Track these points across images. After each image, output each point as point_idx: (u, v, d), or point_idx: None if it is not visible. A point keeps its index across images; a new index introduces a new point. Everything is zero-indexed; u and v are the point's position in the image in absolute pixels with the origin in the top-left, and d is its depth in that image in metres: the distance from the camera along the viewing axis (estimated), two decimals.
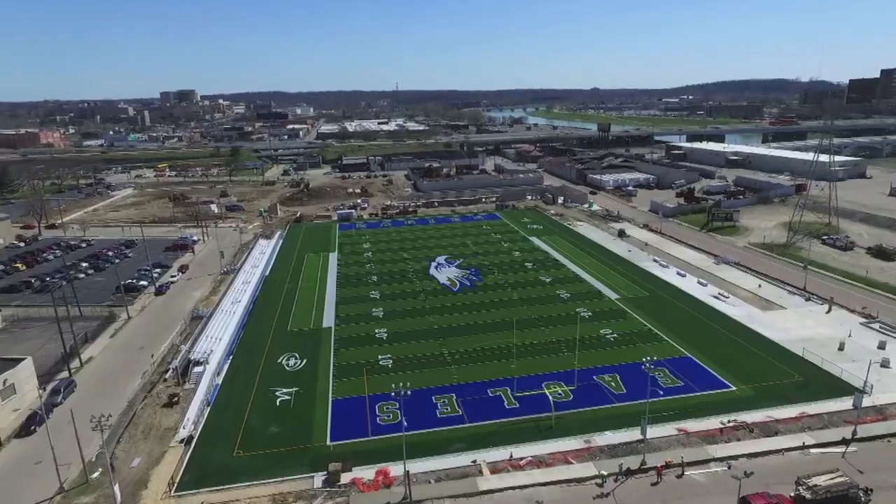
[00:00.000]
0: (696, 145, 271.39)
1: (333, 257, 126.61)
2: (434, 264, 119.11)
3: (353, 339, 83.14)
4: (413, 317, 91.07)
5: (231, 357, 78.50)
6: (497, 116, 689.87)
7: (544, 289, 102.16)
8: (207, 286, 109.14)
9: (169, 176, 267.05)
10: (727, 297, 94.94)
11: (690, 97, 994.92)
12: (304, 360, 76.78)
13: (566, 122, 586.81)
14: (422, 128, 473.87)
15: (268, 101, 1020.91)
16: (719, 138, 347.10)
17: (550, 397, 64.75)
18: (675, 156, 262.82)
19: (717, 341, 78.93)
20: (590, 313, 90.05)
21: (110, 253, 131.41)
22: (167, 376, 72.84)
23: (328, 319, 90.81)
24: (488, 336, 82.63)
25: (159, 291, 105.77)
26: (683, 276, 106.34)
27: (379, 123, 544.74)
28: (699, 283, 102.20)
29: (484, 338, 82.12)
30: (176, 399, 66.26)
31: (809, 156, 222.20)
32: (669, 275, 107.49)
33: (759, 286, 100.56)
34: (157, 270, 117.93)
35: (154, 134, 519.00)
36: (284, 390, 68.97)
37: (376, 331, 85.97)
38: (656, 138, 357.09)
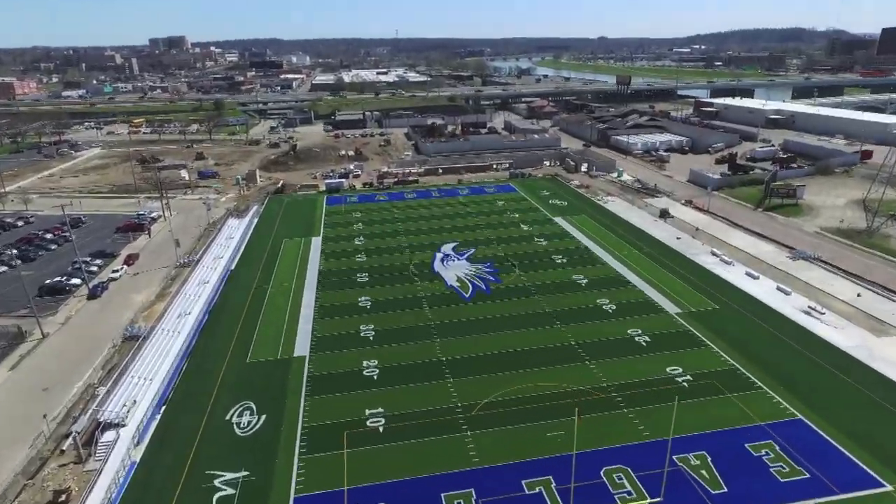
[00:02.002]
0: (730, 101, 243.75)
1: (317, 244, 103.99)
2: (439, 256, 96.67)
3: (334, 379, 61.53)
4: (413, 340, 69.26)
5: (163, 408, 57.13)
6: (503, 67, 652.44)
7: (581, 296, 80.00)
8: (156, 286, 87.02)
9: (144, 133, 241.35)
10: (822, 313, 72.81)
11: (703, 47, 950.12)
12: (263, 417, 55.38)
13: (576, 74, 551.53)
14: (423, 79, 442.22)
15: (263, 49, 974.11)
16: (746, 92, 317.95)
17: None
18: (706, 113, 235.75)
19: (833, 391, 57.30)
20: (647, 338, 68.14)
21: (48, 235, 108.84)
22: (66, 446, 51.68)
23: (302, 343, 69.02)
24: (515, 376, 60.94)
25: (93, 294, 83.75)
26: (756, 278, 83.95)
27: (378, 74, 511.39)
28: (779, 289, 79.86)
29: (509, 378, 60.46)
30: (64, 498, 45.13)
31: (868, 116, 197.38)
32: (737, 276, 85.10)
33: (858, 295, 78.38)
34: (98, 262, 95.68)
35: (139, 84, 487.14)
36: (228, 476, 47.68)
37: (364, 363, 64.31)
38: (679, 92, 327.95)
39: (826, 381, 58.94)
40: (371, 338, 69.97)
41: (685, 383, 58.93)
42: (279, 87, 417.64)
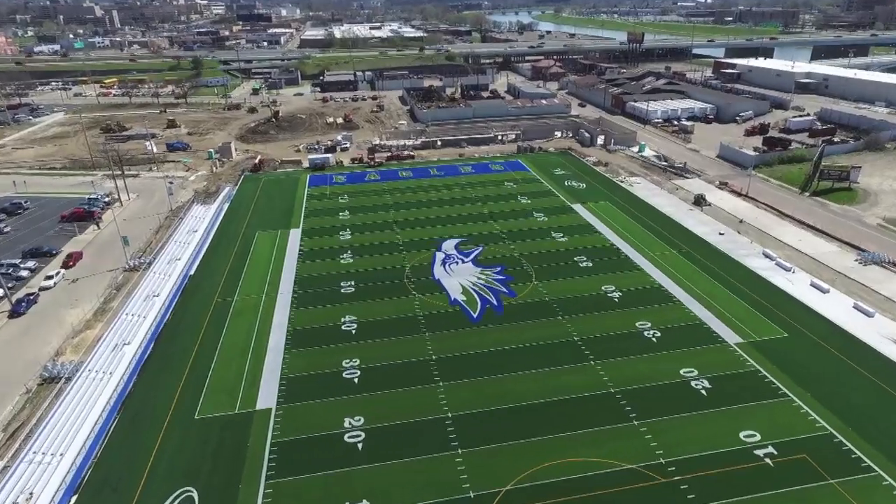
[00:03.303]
0: (753, 63, 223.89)
1: (295, 238, 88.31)
2: (440, 256, 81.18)
3: (306, 447, 46.97)
4: (410, 384, 54.53)
5: (73, 500, 42.64)
6: (502, 21, 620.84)
7: (616, 317, 65.02)
8: (95, 299, 71.52)
9: (115, 95, 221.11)
10: None
11: (709, 0, 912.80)
12: None
13: (579, 29, 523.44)
14: (419, 34, 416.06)
15: (252, 0, 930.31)
16: (765, 52, 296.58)
17: None
18: (728, 76, 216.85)
19: None
20: (707, 383, 53.57)
21: None
22: None
23: (268, 388, 54.22)
24: (543, 445, 46.46)
25: (15, 311, 68.30)
26: (825, 291, 69.07)
27: (371, 29, 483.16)
28: (857, 309, 65.12)
29: (536, 449, 46.01)
30: None
31: None
32: (801, 287, 70.20)
33: None
34: (31, 265, 79.84)
35: (117, 38, 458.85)
36: None
37: (347, 422, 49.70)
38: (694, 51, 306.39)
39: None
40: (356, 380, 55.20)
41: (769, 459, 44.62)
42: (266, 43, 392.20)
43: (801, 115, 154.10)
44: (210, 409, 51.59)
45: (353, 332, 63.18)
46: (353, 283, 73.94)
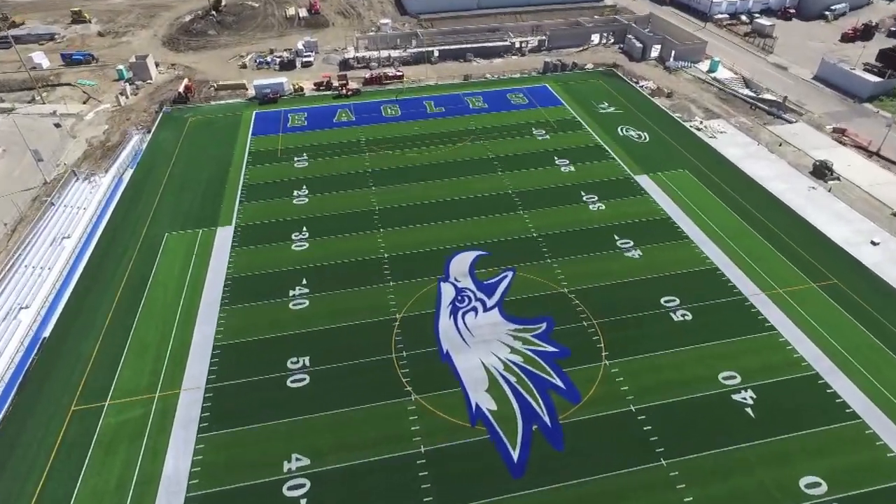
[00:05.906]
0: None
1: (223, 247, 57.41)
2: (449, 293, 51.22)
3: None
4: None
5: None
6: None
7: (765, 464, 37.38)
8: None
9: None
10: None
11: None
12: None
13: None
14: None
15: None
16: None
17: None
18: None
19: None
20: None
21: None
22: None
23: None
24: None
25: None
26: None
27: None
28: None
29: None
30: None
31: None
32: None
33: None
34: None
35: None
36: None
37: None
38: None
39: None
40: None
41: None
42: None
43: None
44: None
45: (305, 496, 35.49)
46: (306, 362, 44.82)
